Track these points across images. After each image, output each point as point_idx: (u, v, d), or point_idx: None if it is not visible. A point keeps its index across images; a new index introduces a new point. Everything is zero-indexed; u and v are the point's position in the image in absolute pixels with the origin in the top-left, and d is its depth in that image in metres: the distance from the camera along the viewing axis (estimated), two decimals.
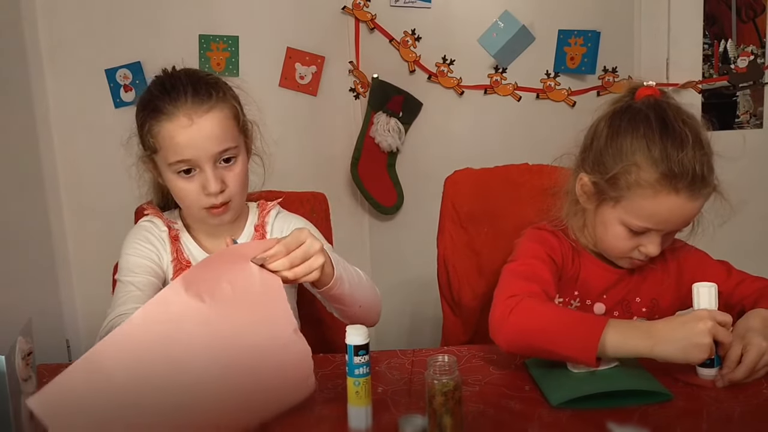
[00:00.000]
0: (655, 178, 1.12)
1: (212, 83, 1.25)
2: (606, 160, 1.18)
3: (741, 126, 2.55)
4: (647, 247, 1.18)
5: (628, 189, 1.15)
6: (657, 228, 1.17)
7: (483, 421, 0.96)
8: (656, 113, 1.16)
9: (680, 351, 1.00)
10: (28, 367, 0.91)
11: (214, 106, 1.22)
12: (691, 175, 1.12)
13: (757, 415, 0.95)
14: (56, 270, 2.55)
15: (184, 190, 1.24)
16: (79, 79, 2.48)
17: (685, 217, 1.17)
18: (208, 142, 1.21)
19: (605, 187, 1.18)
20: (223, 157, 1.23)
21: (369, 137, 2.48)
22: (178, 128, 1.20)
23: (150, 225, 1.35)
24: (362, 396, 0.95)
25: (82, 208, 2.56)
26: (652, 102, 1.18)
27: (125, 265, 1.28)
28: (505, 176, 1.57)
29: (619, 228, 1.19)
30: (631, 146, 1.15)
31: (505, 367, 1.13)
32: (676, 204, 1.13)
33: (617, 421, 0.94)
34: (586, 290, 1.20)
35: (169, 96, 1.21)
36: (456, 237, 1.56)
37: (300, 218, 1.41)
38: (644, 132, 1.15)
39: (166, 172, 1.25)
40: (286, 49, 2.46)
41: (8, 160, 2.27)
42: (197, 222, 1.34)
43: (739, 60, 2.48)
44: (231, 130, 1.25)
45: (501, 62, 2.49)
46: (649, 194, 1.13)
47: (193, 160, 1.21)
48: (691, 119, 1.18)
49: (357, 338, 0.95)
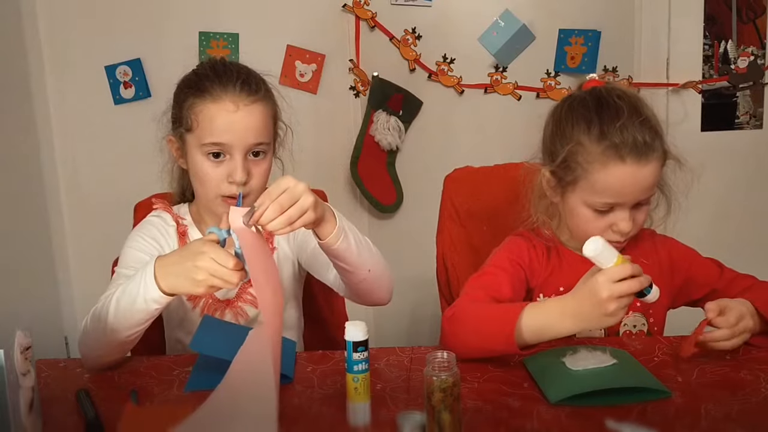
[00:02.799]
0: (599, 152, 1.17)
1: (262, 79, 1.29)
2: (555, 149, 1.23)
3: (741, 126, 2.55)
4: (618, 224, 1.20)
5: (580, 169, 1.19)
6: (618, 201, 1.19)
7: (481, 418, 0.96)
8: (591, 95, 1.23)
9: (597, 324, 1.05)
10: (27, 362, 0.91)
11: (260, 100, 1.26)
12: (632, 142, 1.15)
13: (755, 413, 0.95)
14: (55, 267, 2.55)
15: (209, 174, 1.25)
16: (79, 76, 2.48)
17: (641, 185, 1.18)
18: (247, 132, 1.23)
19: (561, 174, 1.22)
20: (254, 150, 1.26)
21: (369, 136, 2.48)
22: (221, 111, 1.22)
23: (158, 220, 1.36)
24: (361, 392, 0.95)
25: (81, 204, 2.56)
26: (589, 89, 1.24)
27: (124, 258, 1.29)
28: (505, 174, 1.57)
29: (584, 210, 1.21)
30: (573, 129, 1.21)
31: (503, 364, 1.13)
32: (626, 173, 1.16)
33: (616, 418, 0.94)
34: (571, 283, 1.21)
35: (219, 79, 1.24)
36: (455, 235, 1.56)
37: None
38: (582, 113, 1.21)
39: (194, 152, 1.26)
40: (287, 46, 2.46)
41: (8, 156, 2.27)
42: (208, 212, 1.34)
43: (739, 60, 2.48)
44: (268, 127, 1.28)
45: (501, 61, 2.49)
46: (598, 168, 1.17)
47: (228, 145, 1.23)
48: (626, 94, 1.22)
49: (356, 334, 0.95)
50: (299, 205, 1.02)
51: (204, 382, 1.06)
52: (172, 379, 1.12)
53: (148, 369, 1.15)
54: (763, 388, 1.02)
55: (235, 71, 1.26)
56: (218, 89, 1.23)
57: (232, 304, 1.33)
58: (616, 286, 1.02)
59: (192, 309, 1.33)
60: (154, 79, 2.44)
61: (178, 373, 1.15)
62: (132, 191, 1.58)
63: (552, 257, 1.30)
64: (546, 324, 1.08)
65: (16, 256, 2.26)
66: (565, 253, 1.30)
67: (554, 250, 1.30)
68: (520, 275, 1.27)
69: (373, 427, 0.95)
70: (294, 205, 1.02)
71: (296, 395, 1.05)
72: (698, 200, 2.34)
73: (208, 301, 1.32)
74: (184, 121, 1.26)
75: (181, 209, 1.38)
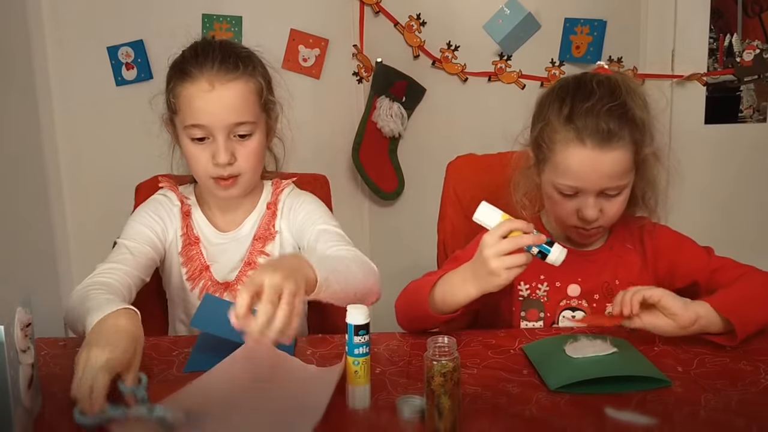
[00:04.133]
0: (563, 132, 1.17)
1: (244, 56, 1.27)
2: (533, 127, 1.25)
3: (744, 120, 2.55)
4: (583, 210, 1.19)
5: (547, 148, 1.20)
6: (579, 185, 1.18)
7: (480, 404, 0.96)
8: (575, 78, 1.23)
9: (486, 284, 1.06)
10: (27, 339, 0.91)
11: (239, 78, 1.24)
12: (594, 126, 1.14)
13: (755, 403, 0.95)
14: (55, 248, 2.54)
15: (195, 157, 1.26)
16: (81, 57, 2.47)
17: (603, 172, 1.16)
18: (225, 112, 1.22)
19: (536, 152, 1.24)
20: (239, 132, 1.24)
21: (371, 122, 2.47)
22: (198, 92, 1.22)
23: (163, 198, 1.36)
24: (361, 376, 0.95)
25: (82, 186, 2.55)
26: (583, 73, 1.25)
27: (128, 230, 1.31)
28: (508, 163, 1.56)
29: (552, 192, 1.22)
30: (548, 107, 1.22)
31: (503, 351, 1.13)
32: (587, 156, 1.15)
33: (615, 407, 0.94)
34: (552, 272, 1.22)
35: (196, 60, 1.23)
36: (457, 222, 1.56)
37: (310, 196, 1.41)
38: (558, 93, 1.22)
39: (182, 135, 1.27)
40: (290, 30, 2.44)
41: (9, 137, 2.26)
42: (208, 194, 1.35)
43: (745, 54, 2.47)
44: (251, 105, 1.25)
45: (506, 49, 2.47)
46: (560, 149, 1.18)
47: (208, 126, 1.22)
48: (609, 80, 1.20)
49: (357, 318, 0.94)
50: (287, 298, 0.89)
51: (203, 363, 1.06)
52: (172, 360, 1.12)
53: (148, 349, 1.15)
54: (762, 378, 1.02)
55: (217, 49, 1.24)
56: (195, 70, 1.22)
57: (231, 287, 1.33)
58: (499, 244, 1.03)
59: (191, 290, 1.33)
60: (156, 61, 2.43)
61: (178, 353, 1.15)
62: (133, 172, 1.58)
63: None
64: (450, 289, 1.12)
65: (16, 236, 2.26)
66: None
67: None
68: None
69: (372, 410, 0.95)
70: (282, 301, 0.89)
71: None
72: (699, 193, 2.36)
73: (207, 283, 1.33)
74: (171, 104, 1.27)
75: (186, 189, 1.39)
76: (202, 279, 1.33)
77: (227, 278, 1.34)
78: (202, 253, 1.34)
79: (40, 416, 0.95)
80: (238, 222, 1.36)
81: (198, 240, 1.34)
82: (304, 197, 1.39)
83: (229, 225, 1.36)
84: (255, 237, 1.35)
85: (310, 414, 0.89)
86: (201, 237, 1.34)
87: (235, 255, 1.34)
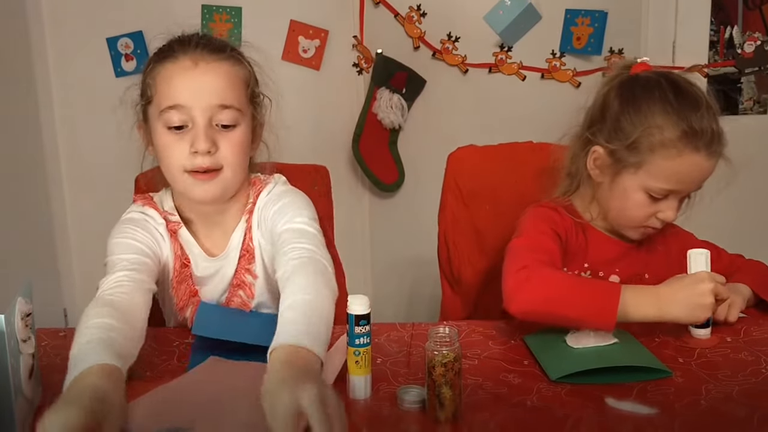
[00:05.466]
0: (677, 137, 1.15)
1: (230, 45, 1.18)
2: (624, 127, 1.20)
3: (744, 112, 2.54)
4: (665, 212, 1.21)
5: (650, 152, 1.17)
6: (678, 189, 1.19)
7: (481, 394, 0.96)
8: (666, 79, 1.21)
9: (686, 311, 1.08)
10: (27, 328, 0.91)
11: (225, 60, 1.14)
12: (709, 133, 1.16)
13: (756, 393, 0.95)
14: (54, 240, 2.54)
15: (170, 147, 1.12)
16: (80, 48, 2.46)
17: (703, 177, 1.20)
18: (208, 91, 1.11)
19: (624, 155, 1.20)
20: (222, 120, 1.12)
21: (371, 113, 2.47)
22: (179, 69, 1.11)
23: (142, 217, 1.21)
24: (362, 366, 0.95)
25: (82, 177, 2.55)
26: (657, 72, 1.23)
27: (113, 249, 1.15)
28: (509, 154, 1.57)
29: (640, 195, 1.20)
30: (650, 109, 1.18)
31: (504, 342, 1.13)
32: (697, 162, 1.17)
33: (616, 397, 0.94)
34: (596, 262, 1.23)
35: (179, 42, 1.15)
36: (458, 213, 1.55)
37: (290, 192, 1.24)
38: (659, 96, 1.18)
39: (156, 126, 1.13)
40: (290, 21, 2.44)
41: (8, 128, 2.26)
42: (186, 206, 1.22)
43: (746, 45, 2.47)
44: (238, 90, 1.15)
45: (507, 40, 2.46)
46: (672, 154, 1.16)
47: (187, 108, 1.10)
48: (697, 84, 1.22)
49: (358, 308, 0.94)
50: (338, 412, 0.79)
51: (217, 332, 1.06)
52: (172, 351, 1.12)
53: (148, 340, 1.15)
54: (763, 369, 1.02)
55: (199, 35, 1.16)
56: (178, 50, 1.12)
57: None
58: (717, 285, 1.09)
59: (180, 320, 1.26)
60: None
61: (178, 344, 1.14)
62: (132, 164, 1.56)
63: (579, 233, 1.29)
64: (640, 306, 1.08)
65: (16, 226, 2.26)
66: (590, 230, 1.30)
67: (580, 227, 1.29)
68: (559, 243, 1.25)
69: (373, 400, 0.95)
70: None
71: None
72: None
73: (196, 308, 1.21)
74: (146, 91, 1.16)
75: (165, 203, 1.23)
76: (191, 305, 1.24)
77: (219, 301, 1.25)
78: (191, 277, 1.23)
79: (40, 406, 0.95)
80: (225, 241, 1.23)
81: (188, 262, 1.22)
82: (283, 199, 1.21)
83: (215, 246, 1.23)
84: (240, 255, 1.22)
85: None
86: (192, 259, 1.22)
87: (223, 278, 1.23)
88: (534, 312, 1.10)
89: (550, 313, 1.09)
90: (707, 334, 1.12)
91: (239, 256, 1.22)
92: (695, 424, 0.88)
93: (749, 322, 1.20)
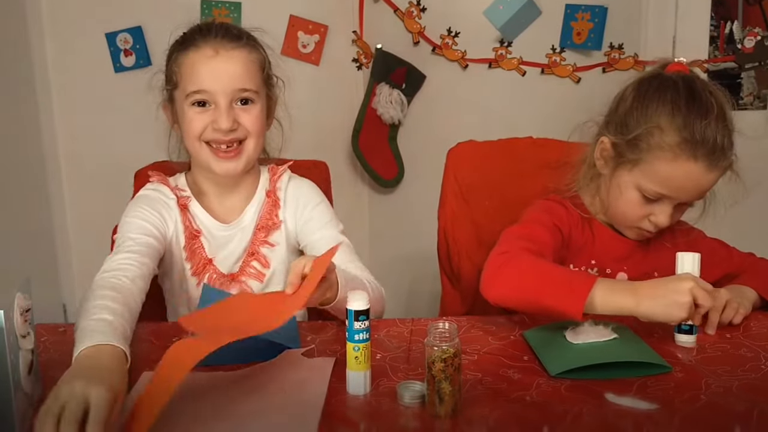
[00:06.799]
0: (676, 142, 1.14)
1: (247, 33, 1.30)
2: (629, 122, 1.20)
3: (744, 107, 2.54)
4: (658, 216, 1.20)
5: (648, 151, 1.16)
6: (671, 195, 1.18)
7: (481, 389, 0.96)
8: (684, 82, 1.19)
9: (662, 308, 1.03)
10: (26, 324, 0.91)
11: (243, 47, 1.26)
12: (711, 144, 1.13)
13: (756, 389, 0.95)
14: (54, 235, 2.54)
15: (193, 120, 1.25)
16: (79, 43, 2.46)
17: (700, 188, 1.18)
18: (228, 77, 1.23)
19: (625, 149, 1.20)
20: (242, 97, 1.25)
21: (371, 109, 2.46)
22: (202, 58, 1.23)
23: (155, 193, 1.32)
24: (362, 361, 0.95)
25: (81, 172, 2.55)
26: (681, 74, 1.21)
27: (124, 227, 1.26)
28: (509, 149, 1.56)
29: (633, 193, 1.20)
30: (657, 110, 1.17)
31: (503, 337, 1.13)
32: (693, 171, 1.15)
33: (616, 392, 0.94)
34: (603, 259, 1.22)
35: (200, 31, 1.26)
36: (457, 209, 1.55)
37: (311, 184, 1.40)
38: (671, 97, 1.17)
39: (182, 107, 1.26)
40: (289, 17, 2.43)
41: (8, 124, 2.26)
42: (203, 179, 1.33)
43: (746, 40, 2.46)
44: (254, 74, 1.27)
45: (506, 36, 2.46)
46: (668, 158, 1.15)
47: (210, 92, 1.23)
48: (717, 93, 1.19)
49: (358, 303, 0.94)
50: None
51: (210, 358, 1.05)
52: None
53: (148, 335, 1.15)
54: (763, 365, 1.02)
55: (220, 25, 1.28)
56: (199, 38, 1.25)
57: (236, 278, 1.32)
58: (698, 287, 1.03)
59: (197, 285, 1.32)
60: (154, 48, 2.42)
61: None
62: (132, 159, 1.57)
63: (585, 228, 1.29)
64: (615, 298, 1.06)
65: (15, 222, 2.26)
66: (596, 225, 1.30)
67: (587, 222, 1.29)
68: (557, 237, 1.25)
69: (372, 396, 0.95)
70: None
71: None
72: None
73: (213, 276, 1.32)
74: (171, 77, 1.28)
75: (179, 180, 1.36)
76: (207, 272, 1.32)
77: (232, 270, 1.33)
78: (204, 247, 1.33)
79: (39, 402, 0.94)
80: (238, 211, 1.34)
81: (200, 233, 1.32)
82: (305, 188, 1.38)
83: (229, 215, 1.34)
84: (257, 227, 1.34)
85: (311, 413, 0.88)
86: (203, 229, 1.32)
87: (238, 246, 1.33)
88: (508, 298, 1.10)
89: (523, 299, 1.10)
90: (691, 342, 1.08)
91: (256, 227, 1.34)
92: (695, 420, 0.88)
93: (749, 317, 1.20)
